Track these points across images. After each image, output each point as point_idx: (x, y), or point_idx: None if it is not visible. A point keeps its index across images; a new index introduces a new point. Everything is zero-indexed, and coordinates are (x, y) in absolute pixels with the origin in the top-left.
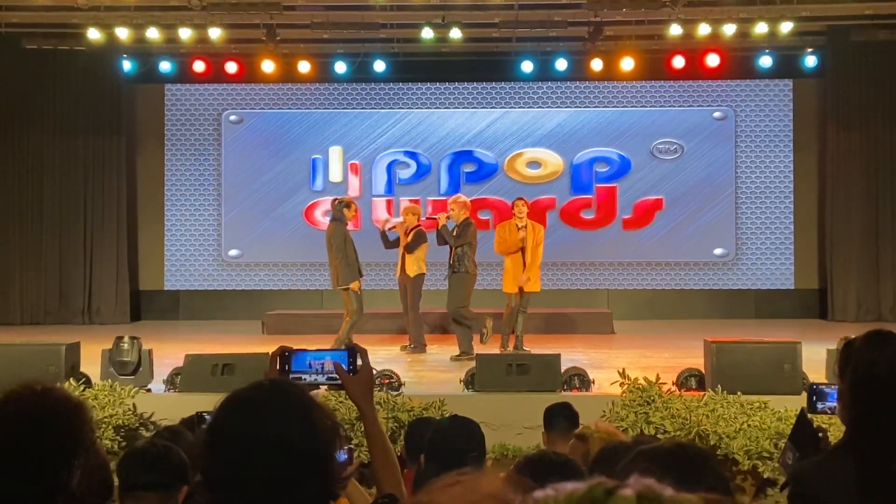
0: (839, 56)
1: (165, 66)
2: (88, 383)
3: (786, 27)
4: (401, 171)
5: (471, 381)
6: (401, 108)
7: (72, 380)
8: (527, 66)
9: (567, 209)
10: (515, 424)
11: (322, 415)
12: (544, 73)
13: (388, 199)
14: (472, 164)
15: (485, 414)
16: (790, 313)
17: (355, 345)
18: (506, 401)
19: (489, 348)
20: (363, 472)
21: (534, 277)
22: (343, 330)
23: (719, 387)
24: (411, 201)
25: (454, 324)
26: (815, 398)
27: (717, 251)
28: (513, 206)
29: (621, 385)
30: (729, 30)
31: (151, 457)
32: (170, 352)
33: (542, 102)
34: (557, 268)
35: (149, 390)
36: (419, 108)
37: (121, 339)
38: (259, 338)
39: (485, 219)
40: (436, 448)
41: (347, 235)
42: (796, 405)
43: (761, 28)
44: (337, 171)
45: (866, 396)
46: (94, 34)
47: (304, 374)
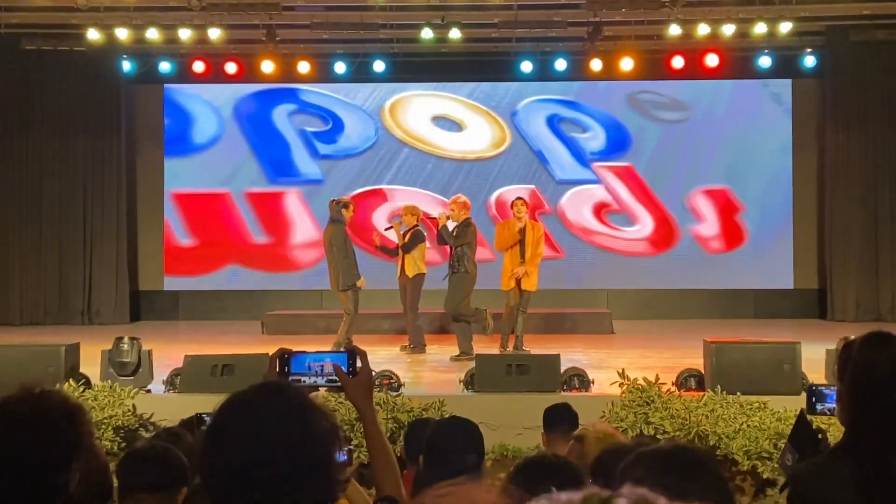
0: (838, 56)
1: (165, 67)
2: (88, 384)
3: (785, 27)
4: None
5: (470, 382)
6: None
7: (71, 381)
8: (526, 66)
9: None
10: (515, 425)
11: (321, 417)
12: (544, 73)
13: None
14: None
15: (484, 414)
16: (789, 313)
17: (355, 347)
18: (505, 401)
19: (489, 349)
20: (363, 472)
21: (532, 275)
22: (341, 332)
23: (719, 387)
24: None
25: (454, 323)
26: (814, 399)
27: (717, 252)
28: (512, 206)
29: (621, 385)
30: (728, 30)
31: (151, 458)
32: (169, 352)
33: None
34: (557, 267)
35: (148, 391)
36: None
37: (120, 339)
38: (259, 338)
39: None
40: (434, 449)
41: (348, 236)
42: (796, 405)
43: (760, 28)
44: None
45: (865, 398)
46: (93, 35)
47: (304, 377)
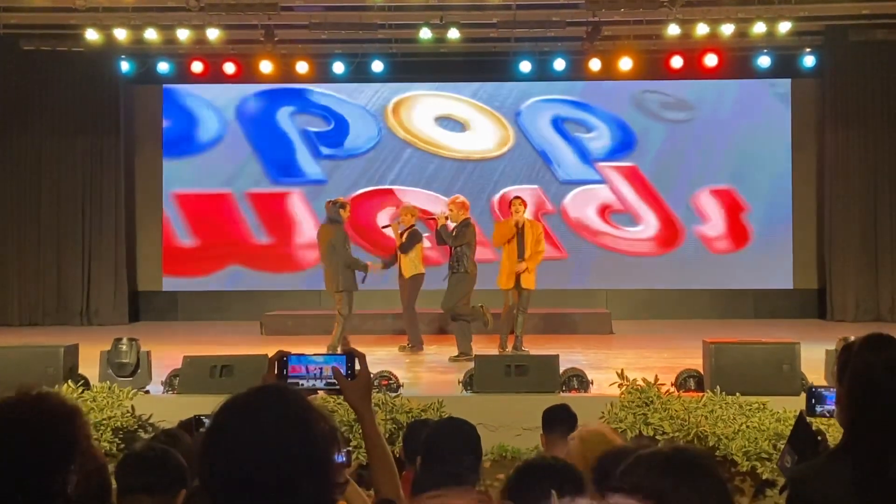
0: (837, 55)
1: (164, 67)
2: (87, 385)
3: (784, 27)
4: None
5: (469, 383)
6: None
7: (70, 382)
8: (525, 66)
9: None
10: (514, 425)
11: (320, 419)
12: (543, 73)
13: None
14: None
15: (483, 415)
16: (789, 313)
17: (353, 350)
18: (504, 402)
19: (488, 349)
20: (361, 473)
21: (531, 273)
22: (335, 335)
23: (718, 388)
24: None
25: (452, 324)
26: (813, 401)
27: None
28: (510, 205)
29: (620, 386)
30: (727, 30)
31: (149, 460)
32: (168, 353)
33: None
34: (560, 267)
35: (147, 392)
36: None
37: (119, 340)
38: (258, 339)
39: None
40: (432, 450)
41: (348, 237)
42: (795, 406)
43: (759, 28)
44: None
45: (864, 400)
46: (92, 35)
47: (303, 380)
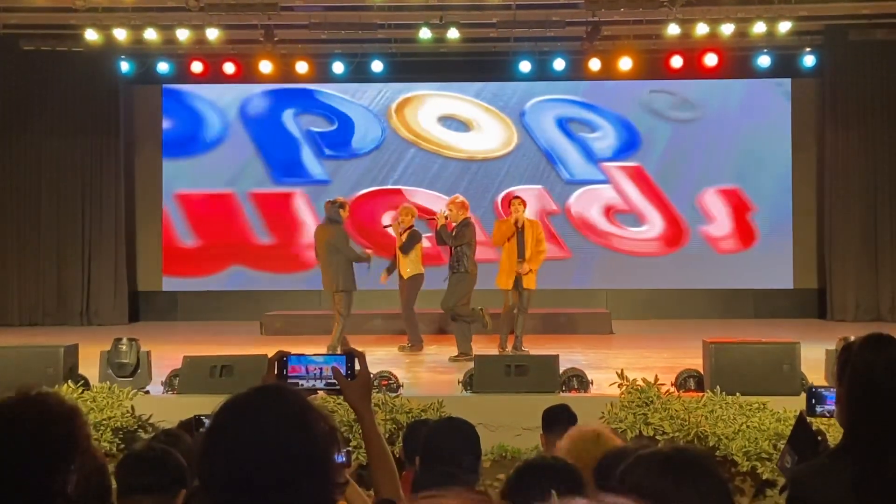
0: (837, 55)
1: (163, 67)
2: (87, 385)
3: (784, 27)
4: None
5: (469, 383)
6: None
7: (70, 382)
8: (525, 66)
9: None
10: (514, 426)
11: (320, 418)
12: (542, 73)
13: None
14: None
15: (483, 415)
16: (789, 313)
17: (353, 350)
18: (504, 402)
19: (487, 349)
20: (361, 474)
21: (532, 273)
22: (335, 335)
23: (718, 388)
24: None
25: (452, 324)
26: (813, 401)
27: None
28: (510, 205)
29: (620, 386)
30: (727, 29)
31: (149, 460)
32: (168, 353)
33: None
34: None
35: (147, 392)
36: None
37: (119, 340)
38: (257, 339)
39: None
40: (431, 450)
41: (348, 235)
42: (795, 406)
43: (759, 28)
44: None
45: (864, 400)
46: (91, 35)
47: (302, 380)
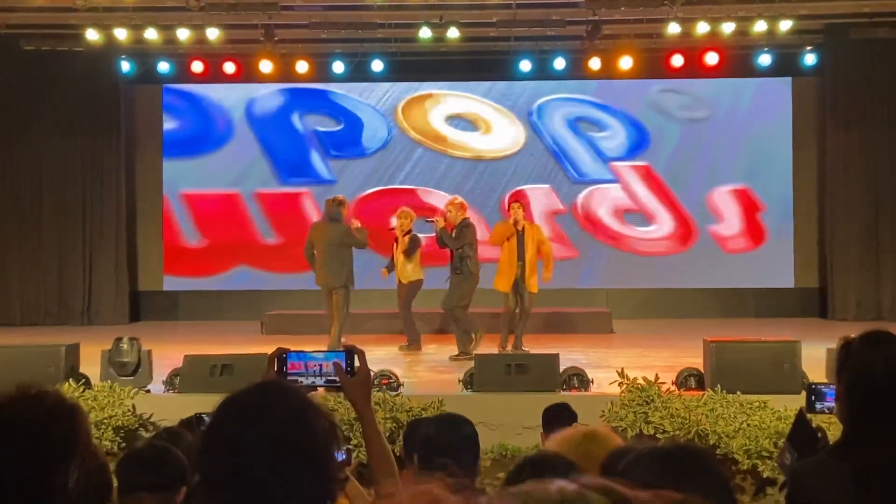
0: (838, 54)
1: (164, 67)
2: (88, 384)
3: (785, 25)
4: None
5: (470, 382)
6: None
7: (71, 381)
8: (525, 66)
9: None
10: (514, 424)
11: (319, 415)
12: (543, 72)
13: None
14: None
15: (484, 414)
16: (790, 312)
17: (353, 346)
18: (505, 401)
19: (488, 349)
20: (361, 472)
21: (532, 277)
22: (336, 334)
23: (718, 386)
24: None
25: (453, 323)
26: (813, 398)
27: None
28: (509, 209)
29: (620, 385)
30: (728, 28)
31: (150, 458)
32: (169, 352)
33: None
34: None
35: (148, 391)
36: None
37: (120, 339)
38: (258, 338)
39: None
40: (428, 447)
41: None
42: (796, 404)
43: (760, 26)
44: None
45: (863, 396)
46: (92, 35)
47: (301, 377)
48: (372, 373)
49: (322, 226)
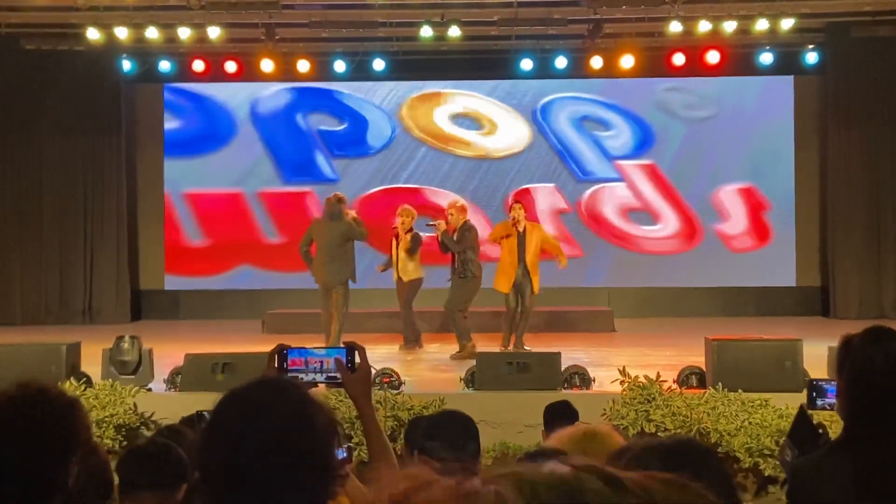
0: (840, 52)
1: (165, 66)
2: (89, 383)
3: (786, 24)
4: None
5: (471, 380)
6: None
7: (72, 379)
8: (526, 64)
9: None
10: (516, 423)
11: (320, 412)
12: (544, 71)
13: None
14: None
15: (485, 412)
16: (792, 310)
17: (353, 343)
18: (506, 399)
19: (490, 346)
20: (362, 469)
21: (534, 276)
22: (335, 333)
23: (720, 384)
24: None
25: (452, 324)
26: (814, 394)
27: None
28: (510, 210)
29: (622, 383)
30: (729, 27)
31: (151, 455)
32: (170, 351)
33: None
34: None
35: (149, 389)
36: None
37: (121, 338)
38: (259, 337)
39: None
40: (428, 443)
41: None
42: (797, 403)
43: (762, 25)
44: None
45: (864, 393)
46: (93, 34)
47: (302, 373)
48: (373, 371)
49: (323, 224)
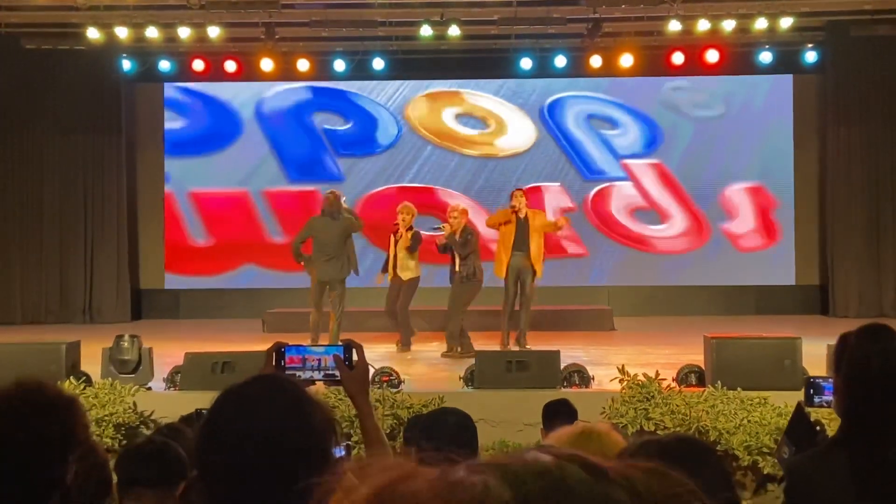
0: (839, 51)
1: (165, 66)
2: (89, 382)
3: (785, 22)
4: None
5: (470, 378)
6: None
7: (72, 378)
8: (526, 63)
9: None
10: (515, 421)
11: (317, 409)
12: (543, 70)
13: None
14: None
15: (484, 411)
16: (791, 309)
17: (351, 340)
18: (505, 397)
19: (489, 345)
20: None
21: (538, 262)
22: (335, 331)
23: (719, 383)
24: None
25: (451, 324)
26: (811, 392)
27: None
28: (511, 198)
29: (621, 381)
30: (728, 25)
31: (149, 453)
32: (170, 350)
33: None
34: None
35: (149, 388)
36: None
37: (121, 337)
38: (259, 336)
39: None
40: (426, 441)
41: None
42: (796, 401)
43: (761, 24)
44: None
45: (860, 390)
46: (93, 34)
47: (299, 371)
48: (373, 370)
49: (324, 222)
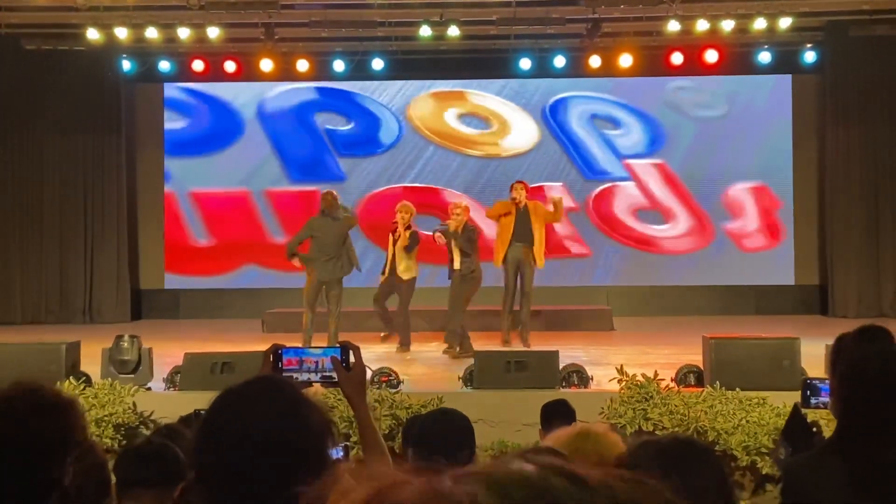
0: (838, 51)
1: (164, 66)
2: (89, 382)
3: (784, 23)
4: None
5: (469, 379)
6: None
7: (72, 378)
8: (525, 63)
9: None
10: (514, 421)
11: (314, 411)
12: (543, 70)
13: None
14: None
15: (483, 411)
16: (790, 309)
17: (348, 342)
18: (504, 398)
19: (489, 344)
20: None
21: (540, 253)
22: (333, 331)
23: (718, 383)
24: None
25: (452, 322)
26: (808, 393)
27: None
28: (511, 189)
29: (619, 382)
30: (727, 26)
31: (148, 454)
32: (170, 350)
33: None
34: (557, 264)
35: (149, 389)
36: None
37: (121, 337)
38: (259, 336)
39: None
40: (423, 442)
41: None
42: (795, 401)
43: (760, 24)
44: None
45: (857, 391)
46: (93, 34)
47: (297, 373)
48: (371, 371)
49: (325, 222)
